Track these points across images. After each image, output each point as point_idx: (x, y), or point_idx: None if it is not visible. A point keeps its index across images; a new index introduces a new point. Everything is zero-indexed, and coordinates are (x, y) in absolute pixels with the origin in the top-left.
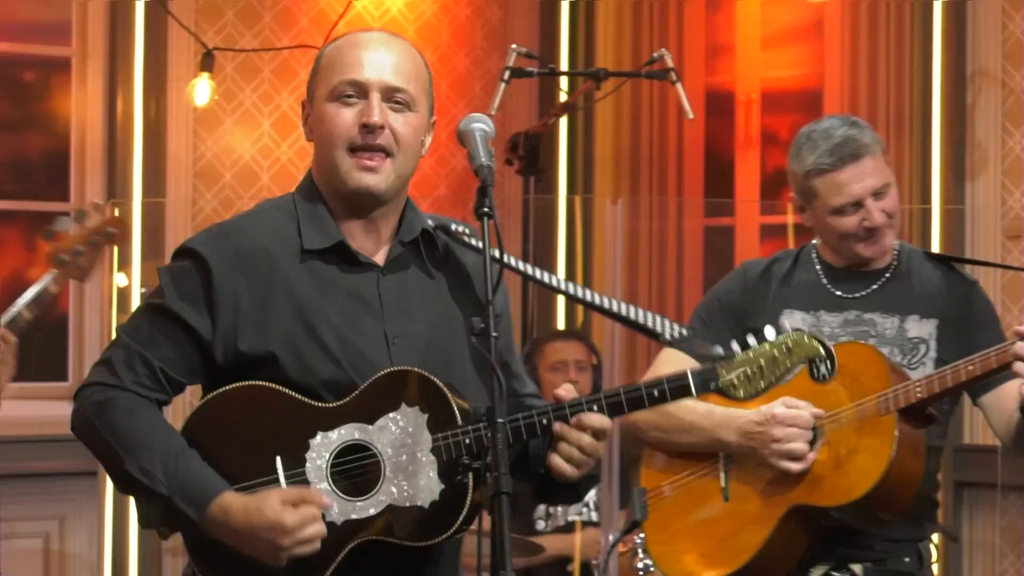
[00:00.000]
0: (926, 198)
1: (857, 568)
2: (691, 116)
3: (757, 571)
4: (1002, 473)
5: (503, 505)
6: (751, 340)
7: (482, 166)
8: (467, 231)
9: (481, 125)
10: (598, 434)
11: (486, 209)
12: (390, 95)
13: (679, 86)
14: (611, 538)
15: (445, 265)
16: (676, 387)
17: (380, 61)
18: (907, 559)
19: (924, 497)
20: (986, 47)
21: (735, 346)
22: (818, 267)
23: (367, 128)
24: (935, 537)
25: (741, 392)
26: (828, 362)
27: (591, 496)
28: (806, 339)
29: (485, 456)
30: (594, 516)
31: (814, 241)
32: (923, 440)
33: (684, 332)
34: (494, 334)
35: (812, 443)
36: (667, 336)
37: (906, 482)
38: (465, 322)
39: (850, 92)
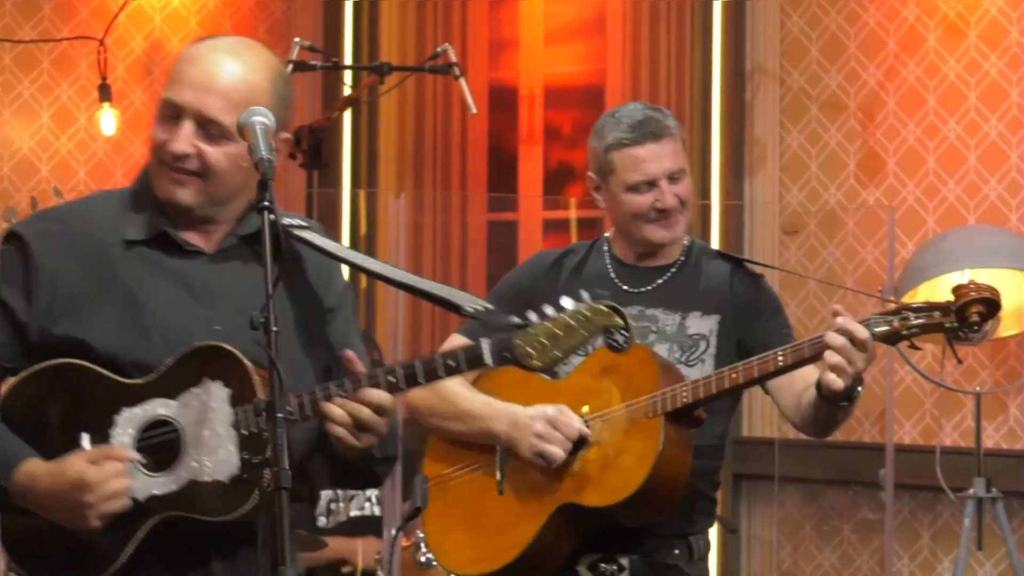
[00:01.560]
0: (706, 194)
1: (624, 560)
2: (474, 111)
3: (527, 566)
4: (779, 465)
5: (283, 501)
6: (548, 310)
7: (262, 159)
8: (304, 223)
9: (261, 118)
10: (378, 410)
11: (266, 203)
12: (204, 125)
13: (463, 81)
14: (393, 530)
15: (284, 259)
16: (472, 356)
17: (205, 82)
18: (676, 551)
19: (699, 494)
20: (765, 45)
21: (532, 315)
22: (607, 260)
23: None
24: (713, 529)
25: (536, 361)
26: (624, 332)
27: (373, 491)
28: (603, 308)
29: (264, 451)
30: (377, 511)
31: (607, 234)
32: (689, 443)
33: (487, 306)
34: (274, 328)
35: (575, 452)
36: (468, 310)
37: (671, 484)
38: (298, 316)
39: (632, 88)
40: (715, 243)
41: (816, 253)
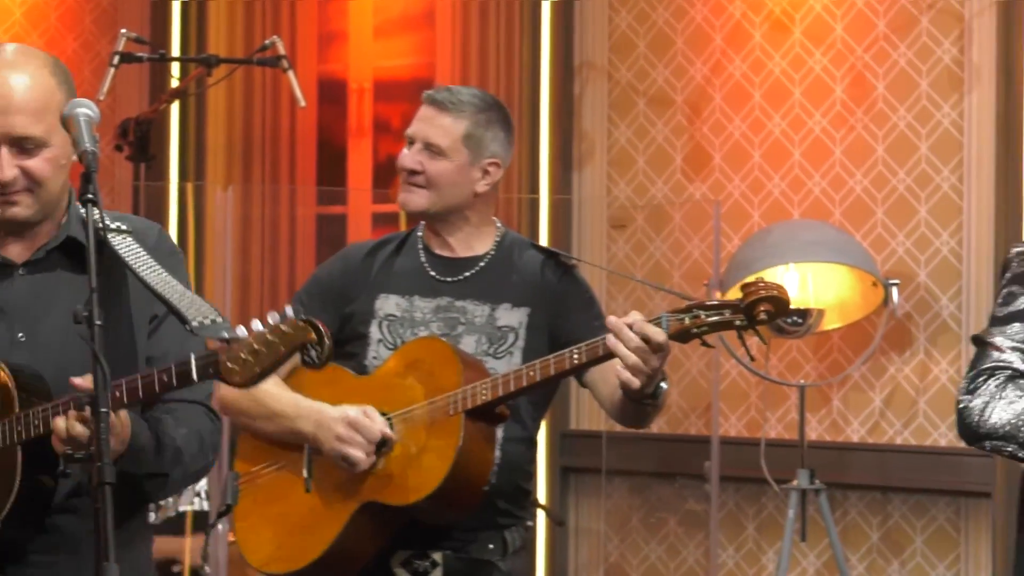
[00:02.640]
0: (534, 188)
1: (437, 555)
2: (303, 104)
3: (332, 564)
4: (606, 458)
5: (106, 496)
6: (255, 324)
7: (86, 152)
8: (123, 227)
9: (85, 110)
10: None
11: (90, 196)
12: (17, 143)
13: (291, 74)
14: (208, 527)
15: (103, 263)
16: (180, 372)
17: (2, 106)
18: (491, 546)
19: (513, 487)
20: (593, 40)
21: (240, 330)
22: (420, 249)
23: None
24: (540, 522)
25: (238, 377)
26: (319, 349)
27: (202, 485)
28: (301, 324)
29: (88, 446)
30: (206, 506)
31: (422, 223)
32: (492, 440)
33: (215, 320)
34: (98, 322)
35: (379, 453)
36: (192, 324)
37: (473, 482)
38: (123, 317)
39: (461, 82)
40: (544, 237)
41: (644, 247)
